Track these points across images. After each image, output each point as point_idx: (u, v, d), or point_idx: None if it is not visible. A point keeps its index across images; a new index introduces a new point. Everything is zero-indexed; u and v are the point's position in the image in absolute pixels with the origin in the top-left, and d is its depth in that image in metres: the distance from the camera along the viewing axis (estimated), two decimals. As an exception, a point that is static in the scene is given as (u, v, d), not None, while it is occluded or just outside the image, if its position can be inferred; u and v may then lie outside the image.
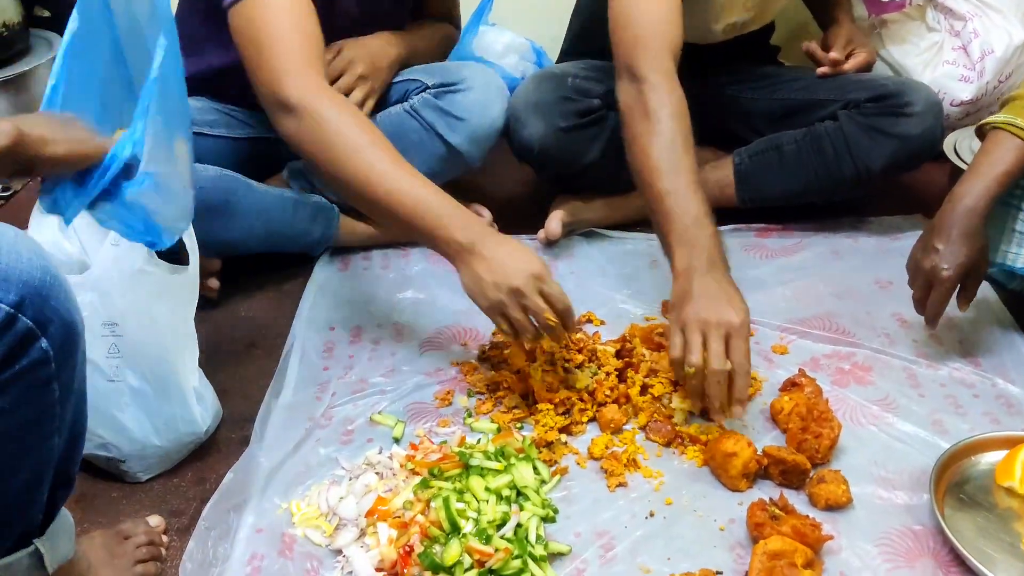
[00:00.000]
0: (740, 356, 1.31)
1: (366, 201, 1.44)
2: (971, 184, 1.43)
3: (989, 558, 1.20)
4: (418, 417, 1.50)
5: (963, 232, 1.42)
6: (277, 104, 1.45)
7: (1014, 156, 1.40)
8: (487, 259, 1.39)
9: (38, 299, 0.90)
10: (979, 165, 1.43)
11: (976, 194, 1.42)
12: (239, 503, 1.34)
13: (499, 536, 1.22)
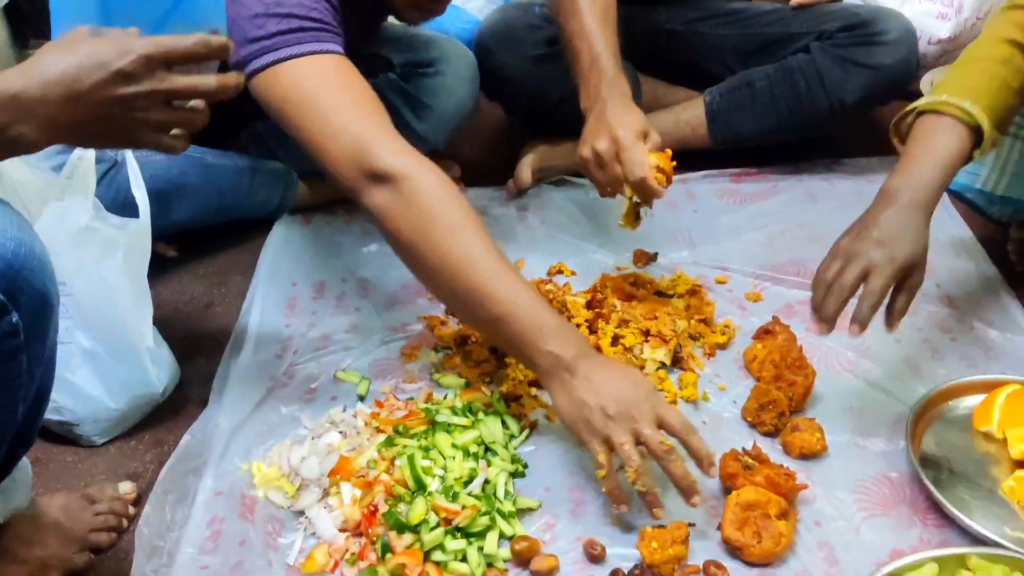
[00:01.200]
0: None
1: (450, 289, 1.24)
2: (913, 174, 1.20)
3: (966, 504, 1.18)
4: (383, 374, 1.46)
5: (907, 226, 1.18)
6: (366, 175, 1.25)
7: (959, 143, 1.20)
8: (591, 380, 1.18)
9: (10, 271, 0.88)
10: (918, 153, 1.21)
11: (920, 186, 1.19)
12: (197, 466, 1.30)
13: (466, 493, 1.19)
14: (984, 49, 1.26)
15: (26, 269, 0.90)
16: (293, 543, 1.18)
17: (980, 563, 1.07)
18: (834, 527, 1.18)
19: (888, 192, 1.21)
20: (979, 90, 1.21)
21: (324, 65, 1.30)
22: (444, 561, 1.13)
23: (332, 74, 1.30)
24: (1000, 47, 1.24)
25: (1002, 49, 1.24)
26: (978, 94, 1.20)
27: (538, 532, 1.18)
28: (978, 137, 1.20)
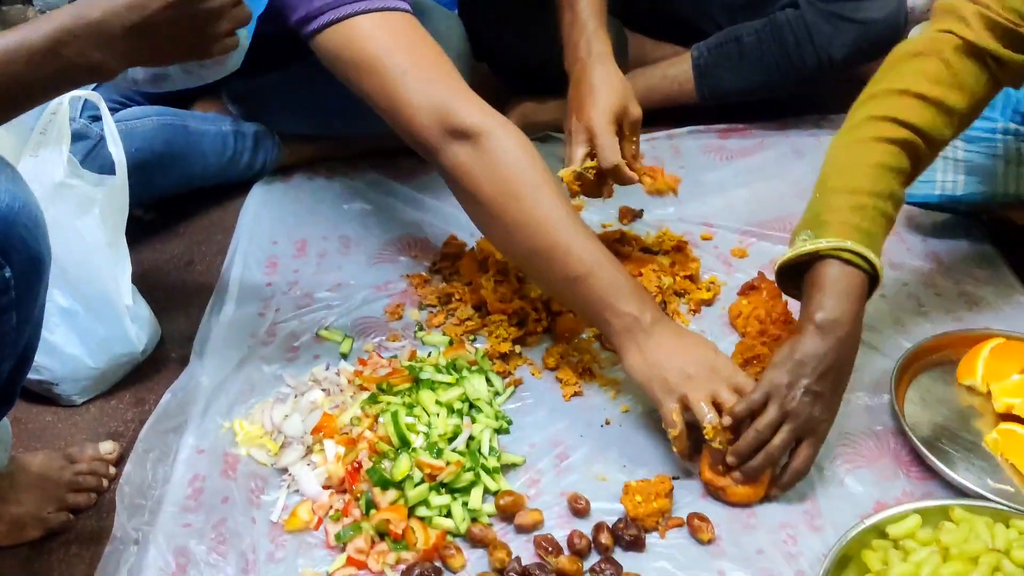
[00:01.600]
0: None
1: (529, 248, 1.22)
2: (842, 314, 1.12)
3: (950, 457, 1.18)
4: (367, 332, 1.44)
5: (844, 377, 1.14)
6: (448, 132, 1.23)
7: (862, 289, 1.14)
8: (668, 344, 1.17)
9: (3, 225, 0.88)
10: (843, 297, 1.12)
11: (852, 327, 1.12)
12: (179, 424, 1.29)
13: (450, 449, 1.19)
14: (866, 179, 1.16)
15: (19, 225, 0.90)
16: (276, 500, 1.18)
17: (963, 515, 1.07)
18: (819, 480, 1.18)
19: (823, 327, 1.11)
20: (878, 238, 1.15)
21: (397, 22, 1.28)
22: (428, 516, 1.13)
23: (406, 31, 1.29)
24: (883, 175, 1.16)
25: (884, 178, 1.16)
26: (877, 242, 1.15)
27: (523, 487, 1.18)
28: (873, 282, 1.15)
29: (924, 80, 1.17)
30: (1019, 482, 1.15)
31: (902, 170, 1.17)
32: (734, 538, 1.11)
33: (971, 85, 1.17)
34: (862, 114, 1.21)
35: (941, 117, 1.17)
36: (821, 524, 1.12)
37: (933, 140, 1.18)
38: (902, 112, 1.17)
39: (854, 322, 1.13)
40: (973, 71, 1.17)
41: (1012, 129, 1.43)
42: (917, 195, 1.51)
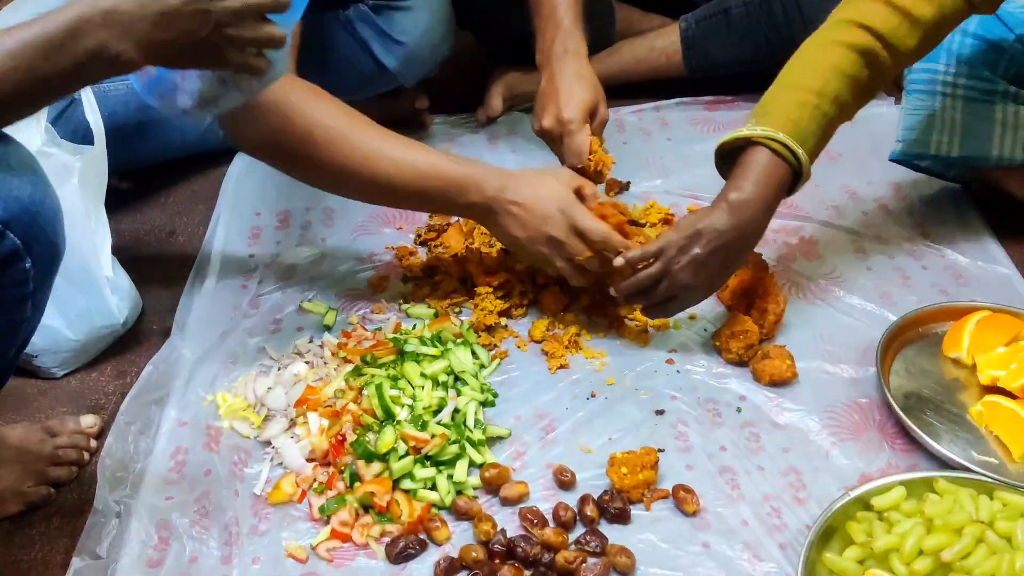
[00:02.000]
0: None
1: (365, 186, 1.28)
2: (756, 200, 1.20)
3: (935, 430, 1.18)
4: (351, 304, 1.43)
5: (732, 258, 1.24)
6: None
7: (782, 179, 1.21)
8: (512, 215, 1.27)
9: (27, 216, 0.89)
10: (760, 184, 1.20)
11: (760, 215, 1.21)
12: (161, 396, 1.28)
13: (435, 422, 1.18)
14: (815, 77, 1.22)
15: (42, 218, 0.91)
16: (260, 473, 1.17)
17: (947, 486, 1.07)
18: (804, 452, 1.18)
19: (732, 206, 1.20)
20: (809, 132, 1.20)
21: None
22: (413, 489, 1.12)
23: None
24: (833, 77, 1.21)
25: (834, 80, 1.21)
26: (807, 137, 1.20)
27: (508, 460, 1.18)
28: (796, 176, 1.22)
29: None
30: (1003, 454, 1.15)
31: (856, 77, 1.21)
32: (719, 510, 1.11)
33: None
34: (833, 16, 1.26)
35: (905, 25, 1.20)
36: (805, 496, 1.13)
37: (895, 48, 1.21)
38: (867, 16, 1.20)
39: (764, 209, 1.21)
40: None
41: (1012, 92, 1.42)
42: (910, 153, 1.50)
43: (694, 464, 1.16)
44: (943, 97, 1.45)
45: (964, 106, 1.44)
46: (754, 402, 1.25)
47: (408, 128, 1.82)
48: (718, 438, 1.20)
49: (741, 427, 1.21)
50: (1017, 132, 1.43)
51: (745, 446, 1.19)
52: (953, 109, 1.44)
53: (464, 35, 1.93)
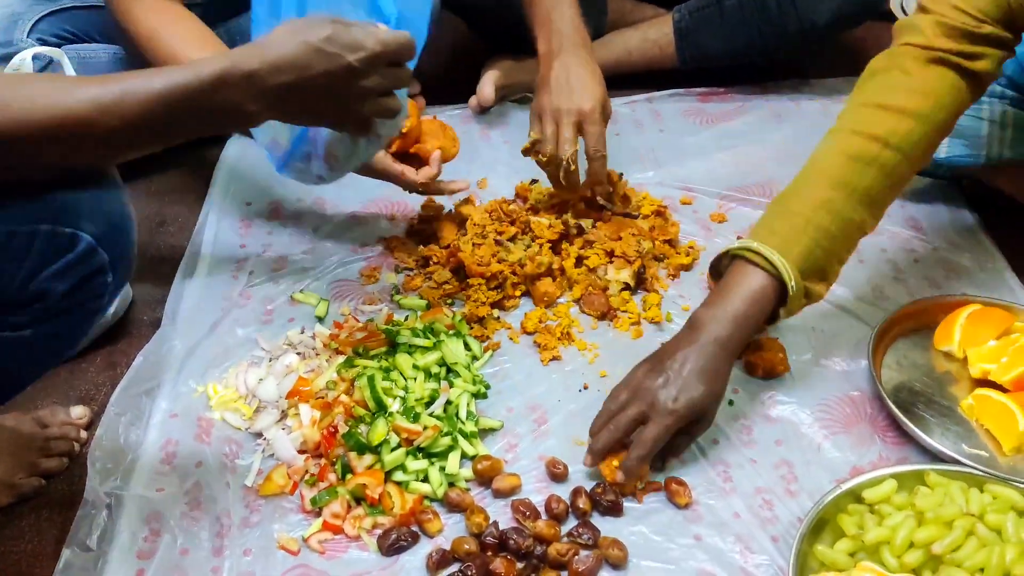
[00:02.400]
0: (592, 141, 1.28)
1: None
2: (720, 310, 1.12)
3: (926, 423, 1.19)
4: (343, 295, 1.42)
5: (703, 371, 1.09)
6: None
7: (766, 294, 1.12)
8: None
9: (115, 233, 0.92)
10: (729, 293, 1.12)
11: (726, 323, 1.11)
12: (152, 387, 1.27)
13: (428, 414, 1.18)
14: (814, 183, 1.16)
15: (126, 233, 0.94)
16: (251, 465, 1.16)
17: (938, 479, 1.08)
18: (796, 445, 1.18)
19: (692, 324, 1.13)
20: (785, 237, 1.12)
21: None
22: (405, 481, 1.12)
23: None
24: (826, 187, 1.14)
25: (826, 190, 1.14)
26: (786, 242, 1.12)
27: (500, 452, 1.18)
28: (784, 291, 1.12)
29: (885, 91, 1.17)
30: (993, 447, 1.16)
31: (854, 186, 1.14)
32: (711, 503, 1.11)
33: (936, 88, 1.15)
34: (830, 131, 1.20)
35: (905, 122, 1.14)
36: (797, 489, 1.13)
37: (899, 146, 1.14)
38: (861, 123, 1.16)
39: (734, 323, 1.11)
40: (936, 75, 1.15)
41: (999, 92, 1.42)
42: None
43: (687, 457, 1.16)
44: None
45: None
46: (747, 395, 1.25)
47: (400, 117, 1.81)
48: (710, 431, 1.19)
49: (734, 420, 1.21)
50: (1006, 131, 1.43)
51: (737, 439, 1.19)
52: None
53: (457, 23, 1.93)
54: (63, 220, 0.88)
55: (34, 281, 0.89)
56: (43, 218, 0.87)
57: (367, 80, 0.96)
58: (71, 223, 0.89)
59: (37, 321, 0.93)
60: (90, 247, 0.90)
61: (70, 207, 0.89)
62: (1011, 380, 1.20)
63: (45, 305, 0.92)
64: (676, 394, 1.08)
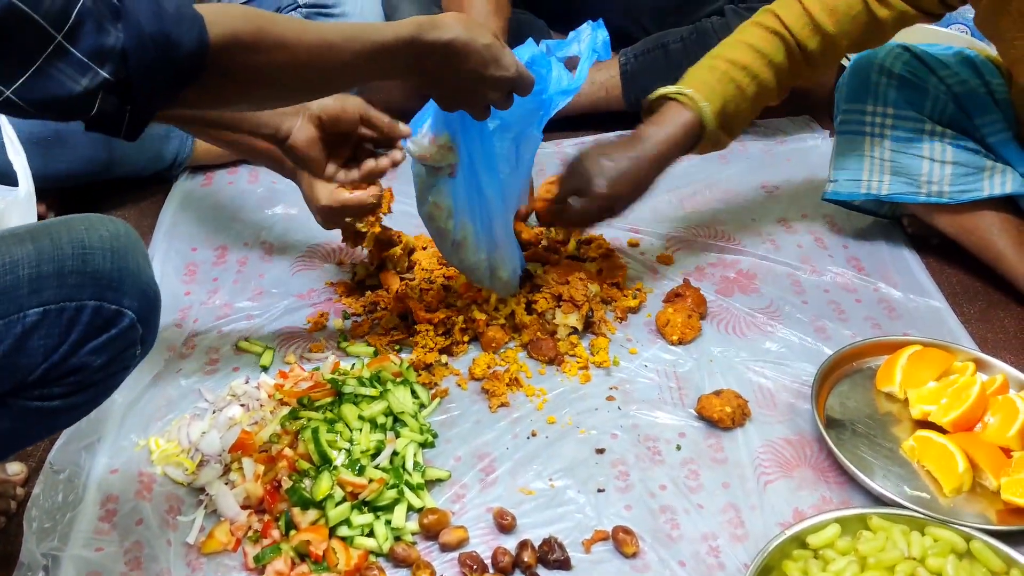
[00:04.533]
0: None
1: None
2: (663, 131, 1.35)
3: (868, 465, 1.20)
4: (289, 342, 1.41)
5: (637, 172, 1.35)
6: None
7: (690, 129, 1.36)
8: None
9: (149, 310, 0.96)
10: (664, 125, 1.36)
11: (666, 143, 1.35)
12: (91, 442, 1.24)
13: (373, 466, 1.17)
14: (730, 50, 1.39)
15: (156, 311, 0.98)
16: (193, 521, 1.14)
17: (880, 523, 1.09)
18: (741, 489, 1.19)
19: (637, 134, 1.36)
20: (716, 92, 1.35)
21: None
22: (350, 536, 1.11)
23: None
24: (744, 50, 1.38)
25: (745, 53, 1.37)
26: (714, 95, 1.35)
27: (448, 503, 1.17)
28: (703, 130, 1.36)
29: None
30: (935, 488, 1.17)
31: (767, 54, 1.37)
32: (658, 551, 1.11)
33: (843, 10, 1.36)
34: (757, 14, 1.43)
35: (809, 27, 1.36)
36: (743, 534, 1.13)
37: (802, 45, 1.37)
38: (782, 10, 1.38)
39: (665, 145, 1.35)
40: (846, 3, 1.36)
41: (939, 132, 1.46)
42: (843, 192, 1.55)
43: (633, 503, 1.17)
44: (872, 137, 1.49)
45: (892, 145, 1.48)
46: (693, 439, 1.25)
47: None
48: (658, 476, 1.20)
49: (681, 465, 1.22)
50: (944, 168, 1.47)
51: (684, 484, 1.19)
52: (882, 148, 1.48)
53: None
54: (109, 297, 0.91)
55: (76, 355, 0.91)
56: (91, 294, 0.89)
57: (491, 92, 1.10)
58: (116, 300, 0.91)
59: (69, 394, 0.94)
60: (132, 323, 0.93)
61: (115, 283, 0.91)
62: (951, 422, 1.22)
63: (80, 378, 0.93)
64: (606, 184, 1.33)
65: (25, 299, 0.87)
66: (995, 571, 1.05)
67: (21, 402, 0.92)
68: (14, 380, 0.90)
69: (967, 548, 1.06)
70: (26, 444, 1.10)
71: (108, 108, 0.77)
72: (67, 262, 0.89)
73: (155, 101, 0.80)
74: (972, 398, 1.22)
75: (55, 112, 0.76)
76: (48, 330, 0.88)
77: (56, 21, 0.72)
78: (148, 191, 1.74)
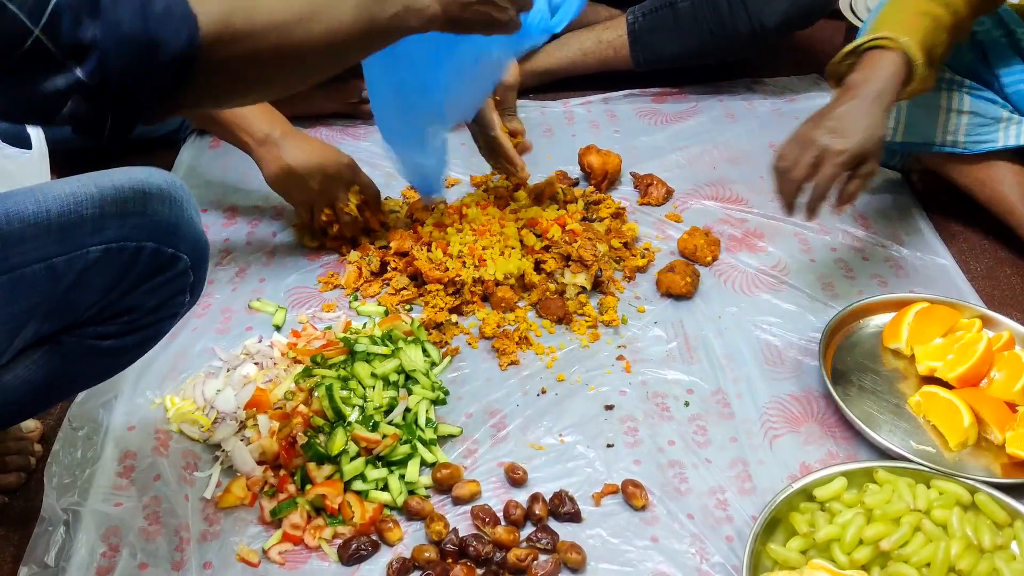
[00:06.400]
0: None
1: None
2: (870, 75, 1.25)
3: (874, 419, 1.22)
4: (300, 302, 1.42)
5: (862, 116, 1.23)
6: None
7: (901, 70, 1.25)
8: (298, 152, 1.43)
9: (200, 258, 0.99)
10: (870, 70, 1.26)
11: (876, 83, 1.25)
12: (108, 400, 1.26)
13: (387, 422, 1.18)
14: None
15: (205, 261, 1.01)
16: (210, 477, 1.16)
17: (886, 476, 1.10)
18: (748, 444, 1.20)
19: (847, 86, 1.26)
20: (913, 28, 1.26)
21: None
22: (365, 490, 1.13)
23: None
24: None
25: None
26: (912, 31, 1.26)
27: (459, 458, 1.19)
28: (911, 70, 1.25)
29: None
30: (940, 443, 1.19)
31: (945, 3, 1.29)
32: (667, 504, 1.13)
33: None
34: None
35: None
36: (751, 487, 1.15)
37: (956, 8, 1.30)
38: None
39: (883, 82, 1.24)
40: None
41: (958, 81, 1.45)
42: None
43: (642, 458, 1.19)
44: None
45: None
46: (701, 395, 1.27)
47: (354, 119, 1.82)
48: (666, 432, 1.22)
49: (689, 421, 1.24)
50: (961, 118, 1.45)
51: (692, 439, 1.21)
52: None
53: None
54: (167, 240, 0.93)
55: (131, 294, 0.94)
56: (150, 236, 0.92)
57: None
58: (173, 244, 0.94)
59: (120, 334, 0.98)
60: (185, 268, 0.96)
61: (172, 229, 0.94)
62: (956, 377, 1.23)
63: (131, 318, 0.96)
64: (841, 141, 1.22)
65: (88, 237, 0.89)
66: (999, 523, 1.06)
67: (74, 339, 0.96)
68: (72, 316, 0.93)
69: (972, 500, 1.08)
70: (74, 388, 1.14)
71: (83, 111, 0.72)
72: (128, 205, 0.90)
73: (138, 106, 0.75)
74: (978, 354, 1.23)
75: (32, 113, 0.73)
76: (107, 267, 0.90)
77: (32, 13, 0.67)
78: (156, 154, 1.73)
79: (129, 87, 0.73)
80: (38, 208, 0.88)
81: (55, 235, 0.88)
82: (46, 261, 0.87)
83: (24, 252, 0.87)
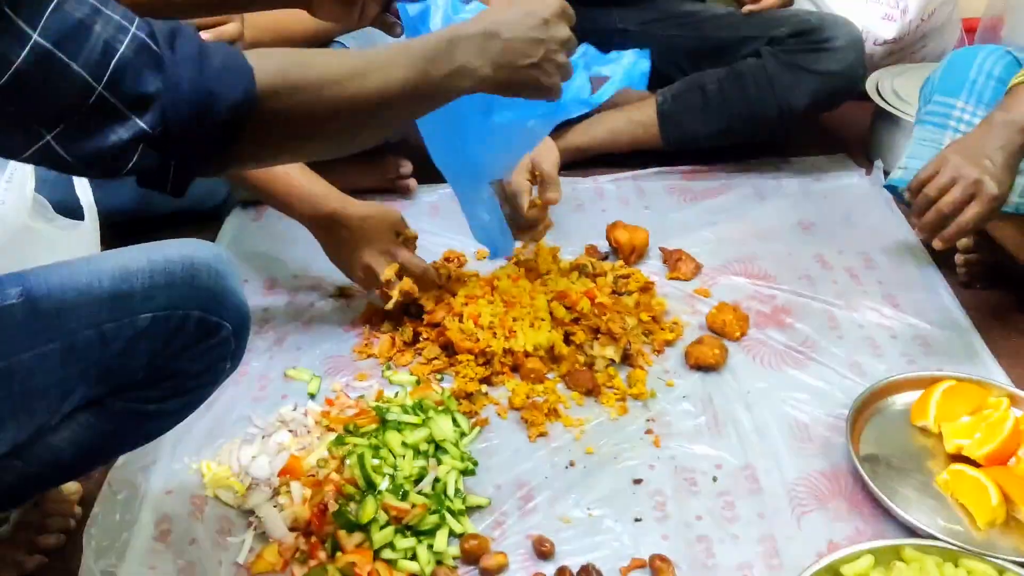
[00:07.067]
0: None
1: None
2: (1016, 117, 1.28)
3: (902, 497, 1.22)
4: (335, 371, 1.46)
5: (1011, 166, 1.27)
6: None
7: None
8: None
9: (242, 327, 1.02)
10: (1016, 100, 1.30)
11: (1018, 128, 1.28)
12: (147, 464, 1.29)
13: (416, 492, 1.20)
14: None
15: (247, 330, 1.04)
16: (243, 542, 1.18)
17: (914, 554, 1.10)
18: (776, 520, 1.20)
19: (1000, 123, 1.28)
20: None
21: None
22: (394, 559, 1.14)
23: None
24: None
25: None
26: None
27: (488, 529, 1.20)
28: None
29: None
30: (968, 521, 1.18)
31: None
32: (694, 579, 1.13)
33: None
34: None
35: None
36: (778, 563, 1.15)
37: None
38: None
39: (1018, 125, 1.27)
40: None
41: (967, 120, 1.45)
42: (894, 179, 1.51)
43: (670, 534, 1.19)
44: (955, 132, 1.46)
45: (952, 136, 1.45)
46: (729, 470, 1.28)
47: (391, 195, 1.87)
48: (694, 507, 1.22)
49: (717, 496, 1.24)
50: (1019, 178, 1.41)
51: (720, 515, 1.22)
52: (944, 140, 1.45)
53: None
54: (212, 308, 0.97)
55: (177, 360, 0.98)
56: (196, 305, 0.96)
57: (553, 55, 1.05)
58: (217, 312, 0.98)
59: (164, 398, 1.02)
60: (228, 335, 1.00)
61: (218, 298, 0.98)
62: (984, 455, 1.23)
63: (175, 383, 1.01)
64: (996, 183, 1.24)
65: (138, 305, 0.93)
66: (1029, 604, 1.06)
67: (120, 403, 0.99)
68: (120, 380, 0.97)
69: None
70: (117, 451, 1.17)
71: (148, 162, 0.77)
72: (176, 276, 0.95)
73: (199, 155, 0.79)
74: (1006, 432, 1.23)
75: (98, 166, 0.77)
76: (155, 334, 0.94)
77: (95, 71, 0.72)
78: (201, 226, 1.80)
79: (190, 136, 0.77)
80: (91, 278, 0.92)
81: (107, 304, 0.92)
82: (97, 328, 0.92)
83: (77, 319, 0.91)
